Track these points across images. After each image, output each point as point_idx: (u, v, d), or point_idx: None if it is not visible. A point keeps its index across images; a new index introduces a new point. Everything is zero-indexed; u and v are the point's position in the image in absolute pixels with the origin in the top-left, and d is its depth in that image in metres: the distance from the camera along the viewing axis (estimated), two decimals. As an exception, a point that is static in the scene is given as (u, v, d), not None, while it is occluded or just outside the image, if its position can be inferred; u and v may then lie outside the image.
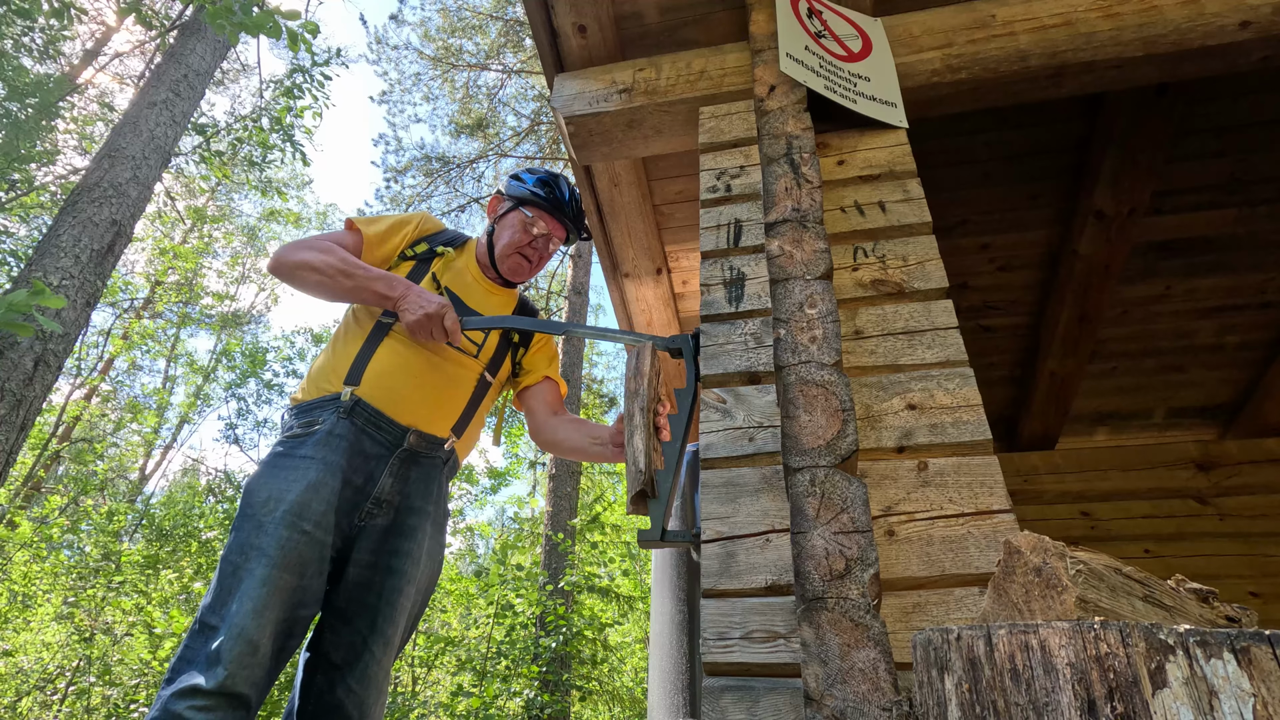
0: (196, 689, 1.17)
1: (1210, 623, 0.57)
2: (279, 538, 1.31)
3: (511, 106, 11.88)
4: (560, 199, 1.80)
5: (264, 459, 1.48)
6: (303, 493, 1.36)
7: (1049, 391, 3.01)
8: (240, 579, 1.28)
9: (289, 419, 1.53)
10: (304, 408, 1.52)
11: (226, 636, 1.22)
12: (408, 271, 1.68)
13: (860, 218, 1.42)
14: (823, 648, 0.80)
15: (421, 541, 1.54)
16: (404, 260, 1.71)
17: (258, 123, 8.98)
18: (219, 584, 1.30)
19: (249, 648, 1.22)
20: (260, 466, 1.45)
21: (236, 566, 1.30)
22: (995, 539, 0.98)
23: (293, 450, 1.44)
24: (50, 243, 5.06)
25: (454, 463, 1.69)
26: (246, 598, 1.25)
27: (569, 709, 7.05)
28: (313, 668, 1.42)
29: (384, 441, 1.51)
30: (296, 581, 1.31)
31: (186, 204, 13.75)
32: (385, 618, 1.44)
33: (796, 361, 1.08)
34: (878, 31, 1.73)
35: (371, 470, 1.49)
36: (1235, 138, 2.30)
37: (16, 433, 4.49)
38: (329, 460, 1.42)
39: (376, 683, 1.42)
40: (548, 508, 8.68)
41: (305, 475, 1.39)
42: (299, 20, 4.22)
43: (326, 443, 1.44)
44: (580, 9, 1.82)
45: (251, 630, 1.23)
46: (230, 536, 1.36)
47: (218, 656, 1.20)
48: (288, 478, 1.39)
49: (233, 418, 11.70)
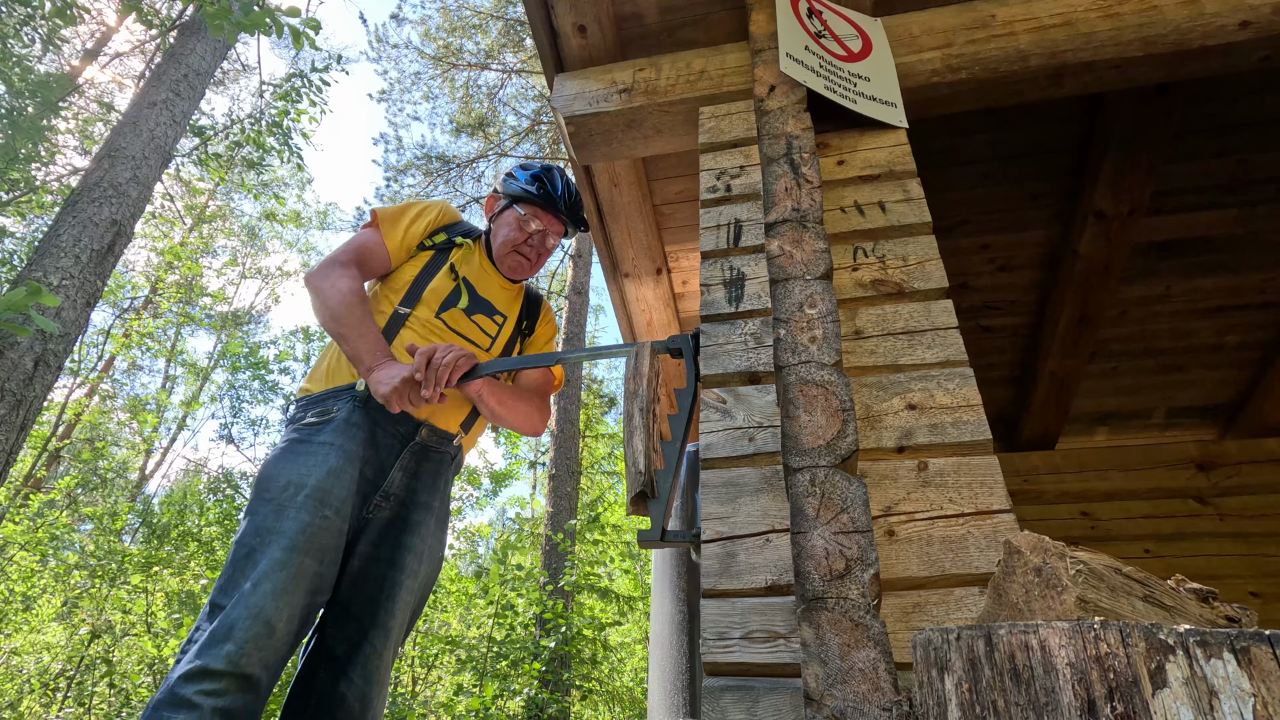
0: (205, 670, 1.14)
1: (1210, 623, 0.57)
2: (301, 522, 1.29)
3: (512, 106, 11.89)
4: (553, 193, 1.76)
5: (279, 445, 1.45)
6: (324, 478, 1.35)
7: (1049, 391, 3.01)
8: (256, 561, 1.25)
9: (299, 410, 1.52)
10: (317, 398, 1.51)
11: (242, 615, 1.19)
12: (426, 261, 1.68)
13: (860, 218, 1.42)
14: (823, 648, 0.80)
15: (425, 537, 1.54)
16: (423, 250, 1.70)
17: (255, 126, 8.98)
18: (231, 567, 1.27)
19: (265, 628, 1.20)
20: (276, 453, 1.43)
21: (252, 549, 1.27)
22: (995, 539, 0.99)
23: (310, 436, 1.43)
24: (50, 243, 5.06)
25: (459, 459, 1.70)
26: (266, 579, 1.23)
27: (569, 709, 7.05)
28: (314, 661, 1.41)
29: (397, 434, 1.52)
30: (317, 567, 1.30)
31: (186, 203, 13.75)
32: (386, 611, 1.44)
33: (796, 361, 1.08)
34: (878, 31, 1.73)
35: (383, 462, 1.50)
36: (1235, 138, 2.30)
37: (16, 433, 4.49)
38: (347, 448, 1.41)
39: (378, 676, 1.42)
40: (548, 508, 8.68)
41: (326, 460, 1.37)
42: (299, 18, 4.22)
43: (344, 430, 1.43)
44: (580, 9, 1.82)
45: (270, 610, 1.21)
46: (244, 521, 1.33)
47: (229, 634, 1.17)
48: (307, 463, 1.37)
49: (228, 416, 11.70)
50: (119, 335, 12.90)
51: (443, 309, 1.64)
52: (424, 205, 1.76)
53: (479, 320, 1.70)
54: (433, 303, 1.63)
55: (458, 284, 1.68)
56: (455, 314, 1.65)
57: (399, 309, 1.60)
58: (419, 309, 1.61)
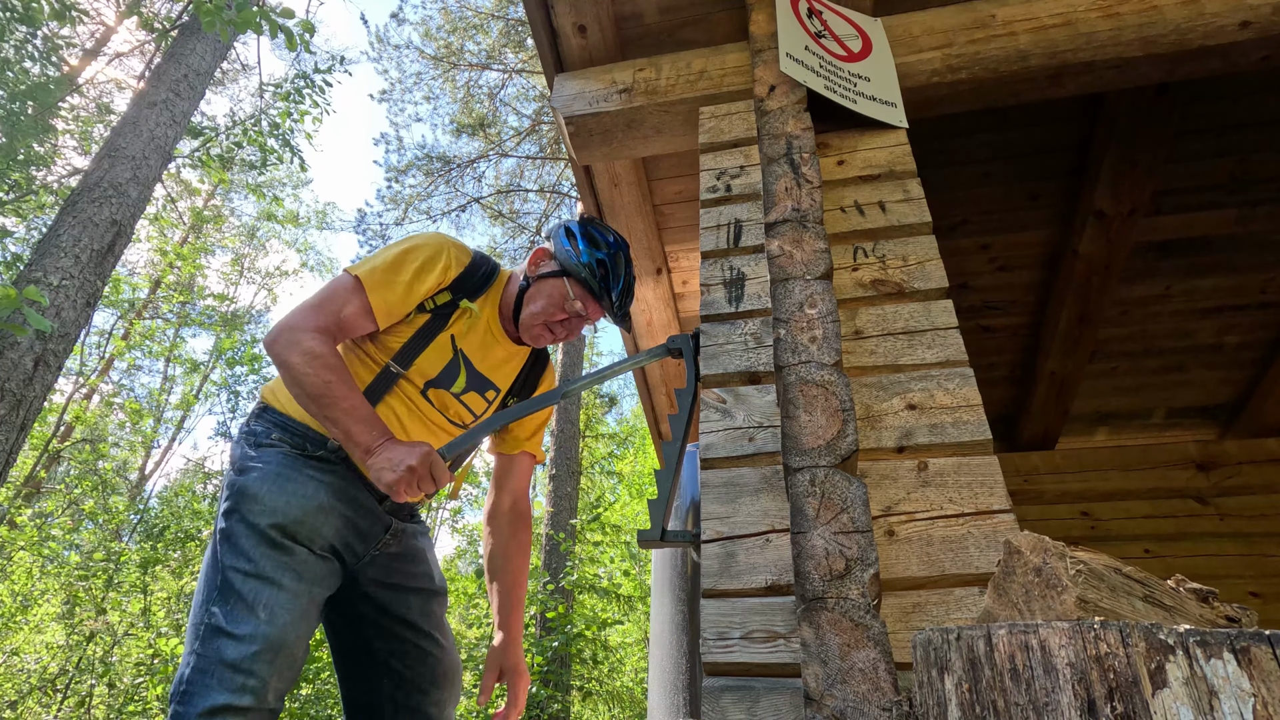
0: (231, 707, 1.11)
1: (1210, 623, 0.57)
2: (302, 554, 1.28)
3: (512, 106, 11.88)
4: (613, 288, 1.53)
5: (263, 465, 1.34)
6: (314, 513, 1.30)
7: (1049, 391, 3.01)
8: (262, 590, 1.22)
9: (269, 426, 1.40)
10: (294, 427, 1.38)
11: (264, 648, 1.16)
12: (422, 325, 1.45)
13: (860, 218, 1.42)
14: (823, 648, 0.80)
15: (431, 559, 1.60)
16: (421, 313, 1.46)
17: (256, 127, 8.99)
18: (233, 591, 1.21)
19: (288, 660, 1.19)
20: (261, 472, 1.32)
21: (248, 575, 1.23)
22: (995, 539, 0.98)
23: (295, 465, 1.34)
24: (50, 243, 5.06)
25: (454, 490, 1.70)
26: (283, 610, 1.20)
27: (569, 709, 7.04)
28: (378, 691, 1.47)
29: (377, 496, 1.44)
30: (321, 595, 1.32)
31: (188, 204, 13.75)
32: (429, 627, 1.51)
33: (796, 361, 1.08)
34: (878, 31, 1.73)
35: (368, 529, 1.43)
36: (1235, 138, 2.30)
37: (16, 433, 4.49)
38: (336, 486, 1.36)
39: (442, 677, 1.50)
40: (548, 508, 8.68)
41: (317, 495, 1.32)
42: (294, 19, 4.22)
43: (329, 471, 1.37)
44: (580, 9, 1.82)
45: (291, 641, 1.20)
46: (234, 541, 1.27)
47: (252, 669, 1.14)
48: (300, 491, 1.31)
49: (226, 414, 11.70)
50: (119, 337, 12.91)
51: (432, 385, 1.47)
52: (425, 258, 1.44)
53: (469, 399, 1.54)
54: (418, 379, 1.46)
55: (455, 359, 1.48)
56: (442, 395, 1.49)
57: (390, 366, 1.42)
58: (410, 374, 1.45)
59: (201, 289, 14.77)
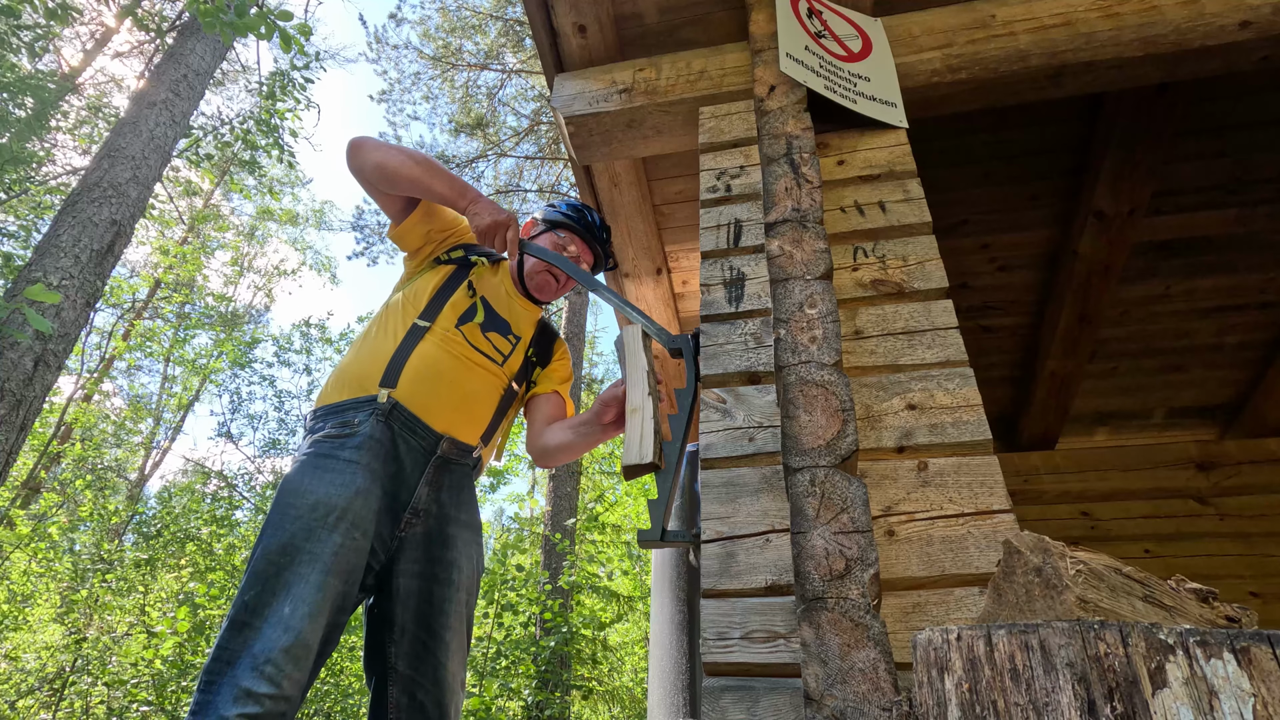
0: (250, 692, 1.15)
1: (1210, 623, 0.57)
2: (334, 544, 1.30)
3: (511, 106, 11.87)
4: (592, 223, 1.87)
5: (301, 459, 1.44)
6: (352, 498, 1.35)
7: (1049, 391, 3.01)
8: (287, 581, 1.25)
9: (317, 421, 1.51)
10: (335, 408, 1.50)
11: (283, 640, 1.20)
12: (446, 276, 1.71)
13: (860, 218, 1.42)
14: (823, 648, 0.80)
15: (461, 548, 1.56)
16: (440, 264, 1.74)
17: (244, 125, 8.99)
18: (259, 584, 1.27)
19: (304, 650, 1.22)
20: (298, 466, 1.41)
21: (281, 567, 1.27)
22: (995, 539, 0.99)
23: (334, 452, 1.41)
24: (50, 243, 5.06)
25: (480, 469, 1.71)
26: (302, 601, 1.23)
27: (569, 709, 7.05)
28: (383, 687, 1.44)
29: (420, 447, 1.51)
30: (343, 587, 1.31)
31: (186, 203, 13.74)
32: (440, 624, 1.47)
33: (796, 361, 1.08)
34: (878, 31, 1.73)
35: (408, 479, 1.49)
36: (1235, 138, 2.30)
37: (16, 433, 4.49)
38: (373, 467, 1.41)
39: (449, 685, 1.46)
40: (547, 507, 8.68)
41: (353, 480, 1.37)
42: (292, 20, 4.22)
43: (368, 447, 1.42)
44: (580, 9, 1.82)
45: (308, 634, 1.22)
46: (267, 533, 1.32)
47: (270, 660, 1.18)
48: (335, 480, 1.36)
49: (226, 413, 11.71)
50: (119, 337, 12.90)
51: (461, 322, 1.66)
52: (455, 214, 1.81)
53: (493, 338, 1.71)
54: (451, 316, 1.65)
55: (475, 301, 1.71)
56: (472, 328, 1.67)
57: (418, 322, 1.62)
58: (439, 320, 1.63)
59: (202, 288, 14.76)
